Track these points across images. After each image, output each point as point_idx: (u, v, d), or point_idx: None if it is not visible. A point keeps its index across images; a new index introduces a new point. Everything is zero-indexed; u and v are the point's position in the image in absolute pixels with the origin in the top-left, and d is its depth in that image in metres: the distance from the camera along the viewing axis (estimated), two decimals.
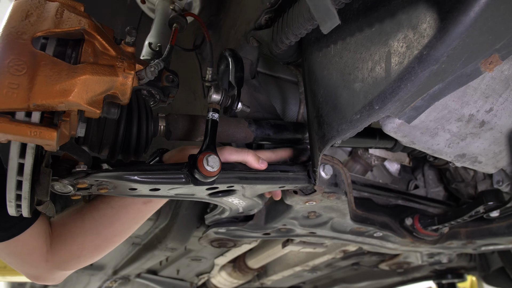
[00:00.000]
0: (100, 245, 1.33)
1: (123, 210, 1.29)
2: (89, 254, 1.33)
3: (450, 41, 0.82)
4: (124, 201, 1.29)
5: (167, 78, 1.25)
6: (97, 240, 1.31)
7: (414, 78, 0.89)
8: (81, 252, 1.32)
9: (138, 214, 1.32)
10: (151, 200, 1.32)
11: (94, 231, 1.30)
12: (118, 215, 1.29)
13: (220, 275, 3.13)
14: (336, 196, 1.42)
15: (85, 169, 1.03)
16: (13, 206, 0.99)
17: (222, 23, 1.68)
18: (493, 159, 1.32)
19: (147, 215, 1.36)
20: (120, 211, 1.29)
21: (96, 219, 1.29)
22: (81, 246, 1.31)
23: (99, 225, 1.29)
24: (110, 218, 1.29)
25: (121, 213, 1.29)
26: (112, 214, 1.29)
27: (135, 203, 1.30)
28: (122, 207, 1.29)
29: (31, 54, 0.83)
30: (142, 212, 1.33)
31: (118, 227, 1.31)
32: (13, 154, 0.88)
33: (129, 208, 1.30)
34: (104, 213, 1.29)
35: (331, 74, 1.13)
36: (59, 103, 0.83)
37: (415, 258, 2.50)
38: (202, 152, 1.07)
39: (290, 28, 1.17)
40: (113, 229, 1.30)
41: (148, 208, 1.33)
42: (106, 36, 0.93)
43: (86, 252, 1.32)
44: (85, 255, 1.33)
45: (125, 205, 1.29)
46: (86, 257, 1.34)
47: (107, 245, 1.35)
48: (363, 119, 1.00)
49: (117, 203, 1.29)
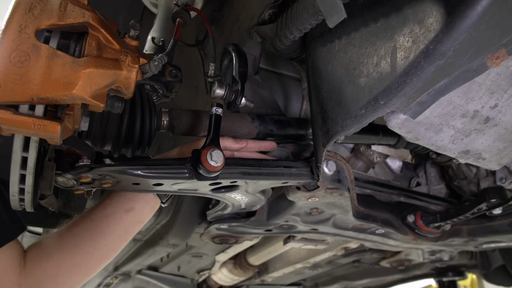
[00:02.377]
0: (79, 262, 1.19)
1: (104, 221, 1.21)
2: (67, 272, 1.17)
3: (456, 35, 0.82)
4: (104, 211, 1.22)
5: (170, 73, 1.25)
6: (76, 256, 1.18)
7: (420, 72, 0.88)
8: (58, 270, 1.16)
9: (120, 225, 1.23)
10: (134, 208, 1.25)
11: (73, 245, 1.18)
12: (99, 227, 1.20)
13: (221, 271, 3.13)
14: (339, 192, 1.42)
15: (88, 163, 1.03)
16: (16, 200, 0.99)
17: (225, 19, 1.67)
18: (497, 155, 1.32)
19: (131, 227, 1.27)
20: (101, 223, 1.21)
21: (75, 233, 1.20)
22: (58, 263, 1.16)
23: (78, 239, 1.19)
24: (90, 231, 1.20)
25: (102, 224, 1.21)
26: (92, 227, 1.20)
27: (116, 212, 1.23)
28: (102, 218, 1.21)
29: (34, 47, 0.82)
30: (125, 223, 1.24)
31: (100, 240, 1.20)
32: (16, 147, 0.88)
33: (110, 218, 1.22)
34: (84, 226, 1.20)
35: (335, 69, 1.13)
36: (63, 96, 0.83)
37: (416, 256, 2.50)
38: (206, 147, 1.07)
39: (294, 23, 1.17)
40: (94, 242, 1.19)
41: (130, 217, 1.24)
42: (110, 30, 0.92)
43: (63, 269, 1.17)
44: (63, 273, 1.17)
45: (105, 215, 1.22)
46: (64, 276, 1.17)
47: (87, 262, 1.21)
48: (368, 114, 1.00)
49: (97, 215, 1.22)
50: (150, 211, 1.31)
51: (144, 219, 1.30)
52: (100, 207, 1.24)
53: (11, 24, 0.82)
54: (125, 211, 1.24)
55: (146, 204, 1.28)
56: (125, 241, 1.29)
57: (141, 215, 1.28)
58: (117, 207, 1.24)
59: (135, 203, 1.25)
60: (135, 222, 1.27)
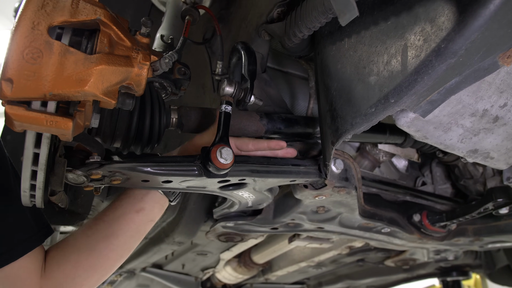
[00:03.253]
0: (95, 264, 1.23)
1: (116, 222, 1.25)
2: (84, 274, 1.22)
3: (468, 34, 0.82)
4: (115, 213, 1.26)
5: (179, 70, 1.25)
6: (92, 258, 1.22)
7: (431, 71, 0.88)
8: (76, 272, 1.21)
9: (132, 225, 1.26)
10: (144, 208, 1.27)
11: (88, 247, 1.23)
12: (112, 228, 1.24)
13: (225, 270, 3.13)
14: (346, 191, 1.42)
15: (98, 160, 1.03)
16: (27, 196, 0.99)
17: (232, 17, 1.68)
18: (506, 155, 1.32)
19: (142, 227, 1.30)
20: (113, 224, 1.25)
21: (89, 235, 1.24)
22: (75, 265, 1.21)
23: (92, 241, 1.23)
24: (103, 232, 1.24)
25: (114, 225, 1.24)
26: (105, 228, 1.24)
27: (127, 213, 1.26)
28: (114, 219, 1.25)
29: (47, 44, 0.82)
30: (136, 223, 1.27)
31: (113, 241, 1.24)
32: (28, 143, 0.88)
33: (122, 219, 1.25)
34: (97, 228, 1.25)
35: (345, 68, 1.13)
36: (75, 93, 0.83)
37: (421, 255, 2.50)
38: (215, 144, 1.07)
39: (303, 22, 1.17)
40: (108, 243, 1.23)
41: (140, 217, 1.27)
42: (121, 27, 0.92)
43: (81, 271, 1.22)
44: (80, 275, 1.22)
45: (117, 216, 1.25)
46: (81, 278, 1.22)
47: (103, 264, 1.25)
48: (378, 113, 1.00)
49: (108, 216, 1.25)
50: (160, 210, 1.33)
51: (154, 218, 1.32)
52: (111, 209, 1.27)
53: (24, 21, 0.83)
54: (135, 211, 1.26)
55: (156, 204, 1.30)
56: (138, 240, 1.33)
57: (151, 214, 1.30)
58: (127, 208, 1.26)
59: (144, 203, 1.27)
60: (146, 222, 1.30)
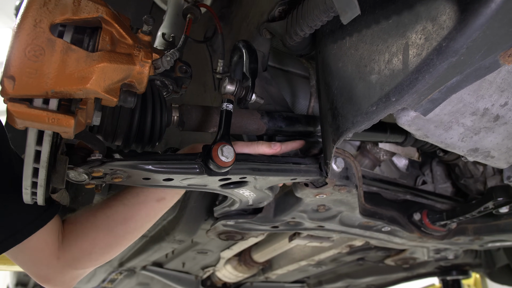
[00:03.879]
0: (111, 243, 1.31)
1: (136, 207, 1.29)
2: (100, 251, 1.31)
3: (470, 33, 0.82)
4: (137, 198, 1.29)
5: (181, 68, 1.25)
6: (109, 238, 1.30)
7: (433, 70, 0.88)
8: (92, 249, 1.30)
9: (151, 212, 1.31)
10: (165, 198, 1.31)
11: (106, 227, 1.28)
12: (131, 213, 1.28)
13: (225, 268, 3.14)
14: (347, 189, 1.42)
15: (100, 158, 1.03)
16: (29, 194, 1.00)
17: (233, 16, 1.68)
18: (506, 154, 1.32)
19: (159, 214, 1.35)
20: (133, 209, 1.29)
21: (109, 215, 1.29)
22: (92, 242, 1.29)
23: (112, 222, 1.28)
24: (123, 215, 1.28)
25: (134, 211, 1.29)
26: (125, 211, 1.28)
27: (148, 201, 1.29)
28: (135, 205, 1.29)
29: (49, 41, 0.83)
30: (155, 210, 1.32)
31: (131, 224, 1.29)
32: (30, 141, 0.89)
33: (142, 206, 1.29)
34: (117, 210, 1.28)
35: (346, 66, 1.13)
36: (77, 90, 0.84)
37: (421, 254, 2.51)
38: (217, 142, 1.07)
39: (305, 20, 1.17)
40: (126, 226, 1.29)
41: (161, 206, 1.32)
42: (123, 25, 0.92)
43: (97, 249, 1.30)
44: (97, 252, 1.31)
45: (138, 202, 1.29)
46: (97, 254, 1.32)
47: (118, 243, 1.33)
48: (379, 111, 1.00)
49: (130, 201, 1.29)
50: (178, 198, 1.37)
51: (171, 205, 1.37)
52: (133, 193, 1.30)
53: (26, 18, 0.83)
54: (156, 200, 1.30)
55: (176, 194, 1.34)
56: (153, 223, 1.38)
57: (170, 203, 1.35)
58: (149, 195, 1.29)
59: (166, 193, 1.31)
60: (164, 209, 1.35)
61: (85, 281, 3.48)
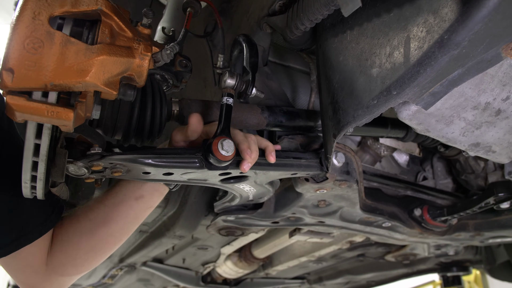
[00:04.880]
0: (95, 246, 1.30)
1: (115, 208, 1.27)
2: (84, 256, 1.30)
3: (472, 25, 0.81)
4: (116, 198, 1.28)
5: (181, 63, 1.25)
6: (92, 241, 1.28)
7: (434, 63, 0.88)
8: (76, 254, 1.29)
9: (130, 212, 1.29)
10: (143, 196, 1.29)
11: (89, 230, 1.28)
12: (111, 214, 1.27)
13: (226, 264, 3.14)
14: (347, 184, 1.42)
15: (100, 152, 1.03)
16: (28, 187, 0.99)
17: (234, 10, 1.67)
18: (507, 148, 1.32)
19: (141, 214, 1.33)
20: (113, 209, 1.27)
21: (91, 218, 1.28)
22: (76, 247, 1.28)
23: (93, 225, 1.27)
24: (104, 217, 1.27)
25: (114, 211, 1.27)
26: (106, 213, 1.27)
27: (127, 200, 1.28)
28: (114, 205, 1.28)
29: (48, 34, 0.82)
30: (135, 210, 1.29)
31: (112, 226, 1.28)
32: (29, 134, 0.88)
33: (121, 206, 1.27)
34: (98, 212, 1.28)
35: (347, 60, 1.12)
36: (76, 83, 0.83)
37: (422, 250, 2.50)
38: (217, 136, 1.07)
39: (305, 14, 1.16)
40: (107, 228, 1.28)
41: (140, 205, 1.30)
42: (123, 17, 0.92)
43: (81, 253, 1.29)
44: (81, 257, 1.30)
45: (117, 202, 1.28)
46: (82, 259, 1.30)
47: (102, 247, 1.32)
48: (380, 105, 0.99)
49: (109, 201, 1.28)
50: (159, 197, 1.34)
51: (153, 205, 1.34)
52: (112, 193, 1.29)
53: (25, 10, 0.82)
54: (135, 198, 1.28)
55: (155, 192, 1.30)
56: (136, 225, 1.36)
57: (150, 202, 1.31)
58: (127, 194, 1.27)
59: (144, 191, 1.28)
60: (145, 208, 1.32)
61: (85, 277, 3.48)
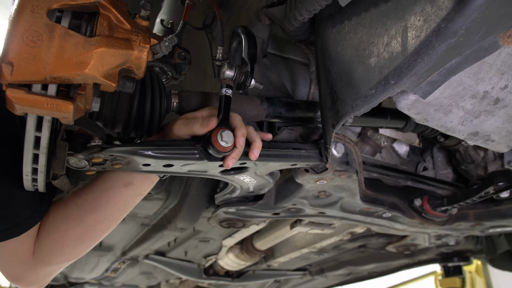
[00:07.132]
0: (83, 234, 1.26)
1: (104, 194, 1.25)
2: (72, 244, 1.27)
3: (469, 13, 0.81)
4: (105, 184, 1.25)
5: (179, 55, 1.25)
6: (80, 228, 1.25)
7: (431, 51, 0.88)
8: (64, 242, 1.25)
9: (119, 199, 1.26)
10: (132, 183, 1.27)
11: (77, 217, 1.25)
12: (100, 200, 1.25)
13: (228, 256, 3.15)
14: (347, 175, 1.42)
15: (100, 144, 1.03)
16: (29, 180, 1.00)
17: (232, 2, 1.67)
18: (506, 137, 1.32)
19: (130, 202, 1.30)
20: (101, 196, 1.25)
21: (79, 205, 1.25)
22: (63, 234, 1.25)
23: (82, 211, 1.25)
24: (92, 203, 1.25)
25: (103, 198, 1.25)
26: (94, 199, 1.25)
27: (116, 186, 1.25)
28: (103, 191, 1.25)
29: (46, 27, 0.83)
30: (124, 197, 1.27)
31: (100, 213, 1.25)
32: (29, 127, 0.89)
33: (110, 192, 1.25)
34: (86, 198, 1.25)
35: (345, 50, 1.13)
36: (75, 75, 0.84)
37: (422, 240, 2.51)
38: (216, 127, 1.07)
39: (303, 5, 1.16)
40: (95, 215, 1.25)
41: (129, 192, 1.27)
42: (121, 10, 0.92)
43: (69, 241, 1.26)
44: (69, 244, 1.26)
45: (106, 188, 1.25)
46: (70, 247, 1.27)
47: (89, 234, 1.28)
48: (378, 94, 1.00)
49: (98, 187, 1.25)
50: (149, 184, 1.32)
51: (143, 192, 1.32)
52: (101, 180, 1.26)
53: (23, 4, 0.83)
54: (124, 185, 1.26)
55: (145, 179, 1.29)
56: (125, 212, 1.34)
57: (139, 189, 1.29)
58: (116, 181, 1.25)
59: (133, 177, 1.26)
60: (134, 196, 1.30)
61: (88, 270, 3.51)
